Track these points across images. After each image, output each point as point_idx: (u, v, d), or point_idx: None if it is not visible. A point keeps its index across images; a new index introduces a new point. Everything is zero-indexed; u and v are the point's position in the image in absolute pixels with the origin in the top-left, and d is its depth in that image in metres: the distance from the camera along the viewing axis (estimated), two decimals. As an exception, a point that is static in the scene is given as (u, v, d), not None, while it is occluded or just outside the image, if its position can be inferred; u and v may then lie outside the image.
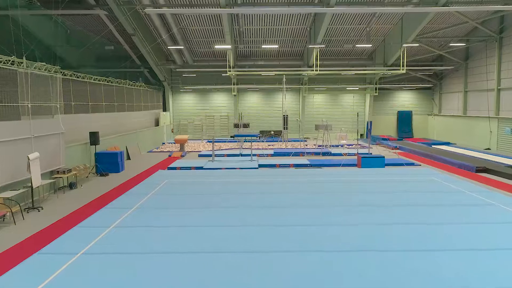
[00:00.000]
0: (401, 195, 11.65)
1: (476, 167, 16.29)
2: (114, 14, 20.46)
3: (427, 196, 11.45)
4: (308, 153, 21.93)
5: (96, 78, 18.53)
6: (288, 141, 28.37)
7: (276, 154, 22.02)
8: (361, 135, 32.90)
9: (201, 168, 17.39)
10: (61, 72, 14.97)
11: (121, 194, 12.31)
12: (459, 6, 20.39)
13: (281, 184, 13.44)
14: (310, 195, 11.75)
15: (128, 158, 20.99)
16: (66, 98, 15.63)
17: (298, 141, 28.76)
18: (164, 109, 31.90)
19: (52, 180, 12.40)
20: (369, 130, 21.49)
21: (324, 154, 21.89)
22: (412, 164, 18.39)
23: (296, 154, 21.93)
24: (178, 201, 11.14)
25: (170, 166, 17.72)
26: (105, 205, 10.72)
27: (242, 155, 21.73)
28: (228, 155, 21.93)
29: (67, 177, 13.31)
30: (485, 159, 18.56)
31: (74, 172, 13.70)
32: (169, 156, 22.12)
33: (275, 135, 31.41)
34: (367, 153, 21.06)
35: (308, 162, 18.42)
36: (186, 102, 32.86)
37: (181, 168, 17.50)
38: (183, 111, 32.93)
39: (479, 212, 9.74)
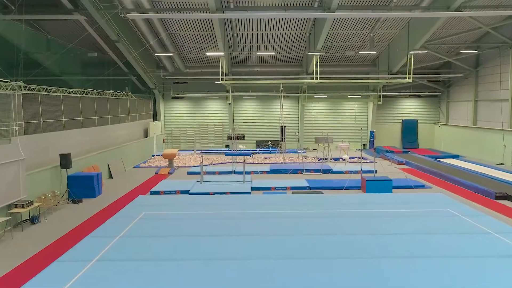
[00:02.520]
0: (416, 240, 9.82)
1: (496, 193, 14.47)
2: (96, 20, 18.67)
3: (448, 242, 9.62)
4: (307, 170, 20.11)
5: (72, 91, 16.72)
6: (286, 152, 26.55)
7: (272, 172, 20.20)
8: (364, 145, 31.09)
9: (187, 192, 15.59)
10: (25, 87, 13.21)
11: (87, 232, 10.50)
12: (473, 11, 18.58)
13: (273, 220, 11.61)
14: (305, 238, 9.94)
15: (110, 176, 19.19)
16: (33, 116, 13.86)
17: (297, 152, 26.87)
18: (155, 118, 30.10)
19: (7, 218, 10.59)
20: (372, 143, 19.63)
21: (324, 171, 20.07)
22: (422, 186, 16.58)
23: (294, 171, 20.11)
24: (148, 247, 9.32)
25: (152, 189, 15.91)
26: (61, 255, 8.89)
27: (235, 172, 19.94)
28: (220, 172, 20.14)
29: (29, 210, 11.50)
30: (504, 181, 16.70)
31: (37, 204, 11.90)
32: (156, 173, 20.30)
33: (272, 146, 29.62)
34: (372, 170, 19.26)
35: (307, 184, 16.61)
36: (178, 111, 31.07)
37: (164, 192, 15.69)
38: (175, 120, 31.14)
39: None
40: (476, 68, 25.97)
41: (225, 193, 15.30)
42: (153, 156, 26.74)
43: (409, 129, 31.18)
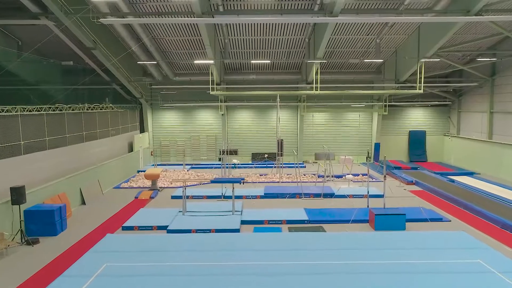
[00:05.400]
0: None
1: (530, 232, 12.23)
2: (66, 25, 16.42)
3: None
4: (306, 194, 17.84)
5: (34, 108, 14.47)
6: (284, 166, 24.13)
7: (267, 196, 17.93)
8: (368, 157, 28.83)
9: (165, 228, 13.32)
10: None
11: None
12: (495, 15, 16.30)
13: (260, 277, 9.36)
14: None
15: (83, 202, 16.92)
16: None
17: (295, 166, 24.41)
18: (142, 130, 27.83)
19: None
20: (379, 159, 17.39)
21: (325, 195, 17.81)
22: (440, 219, 14.29)
23: (292, 195, 17.85)
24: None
25: (125, 224, 13.62)
26: None
27: (225, 196, 17.69)
28: (208, 197, 17.88)
29: (-40, 264, 9.26)
30: (533, 212, 14.44)
31: (-28, 256, 9.66)
32: (136, 197, 18.04)
33: (269, 158, 27.37)
34: (380, 195, 17.08)
35: (306, 216, 14.34)
36: (168, 121, 28.81)
37: (139, 227, 13.43)
38: (164, 131, 28.86)
39: None
40: (491, 76, 23.71)
41: (209, 230, 13.02)
42: (138, 172, 24.49)
43: (417, 141, 28.92)
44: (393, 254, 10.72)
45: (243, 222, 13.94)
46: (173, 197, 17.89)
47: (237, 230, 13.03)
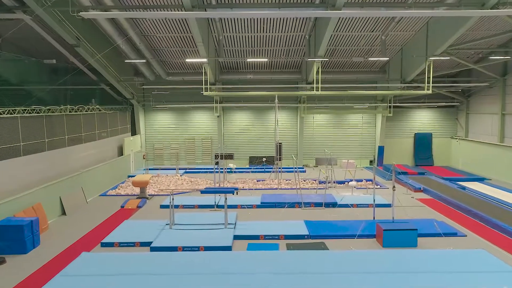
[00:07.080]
0: None
1: (559, 251, 10.84)
2: (44, 19, 15.05)
3: None
4: (306, 204, 16.45)
5: (5, 111, 13.09)
6: (282, 171, 22.75)
7: (264, 205, 16.55)
8: (371, 161, 27.46)
9: (149, 244, 11.93)
10: None
11: None
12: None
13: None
14: None
15: (64, 213, 15.54)
16: None
17: (294, 170, 22.97)
18: (134, 133, 26.44)
19: None
20: (383, 163, 16.03)
21: (327, 205, 16.43)
22: (455, 234, 12.89)
23: (291, 205, 16.47)
24: None
25: (104, 240, 12.24)
26: None
27: (218, 206, 16.33)
28: (200, 206, 16.51)
29: None
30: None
31: None
32: (122, 207, 16.65)
33: (267, 163, 25.98)
34: (387, 204, 15.75)
35: (306, 230, 12.97)
36: (161, 123, 27.45)
37: (120, 244, 12.04)
38: (157, 134, 27.50)
39: None
40: (503, 76, 22.31)
41: (198, 248, 11.63)
42: (129, 177, 23.10)
43: (423, 144, 27.54)
44: (405, 278, 9.33)
45: (236, 237, 12.56)
46: (162, 207, 16.50)
47: (229, 248, 11.64)
